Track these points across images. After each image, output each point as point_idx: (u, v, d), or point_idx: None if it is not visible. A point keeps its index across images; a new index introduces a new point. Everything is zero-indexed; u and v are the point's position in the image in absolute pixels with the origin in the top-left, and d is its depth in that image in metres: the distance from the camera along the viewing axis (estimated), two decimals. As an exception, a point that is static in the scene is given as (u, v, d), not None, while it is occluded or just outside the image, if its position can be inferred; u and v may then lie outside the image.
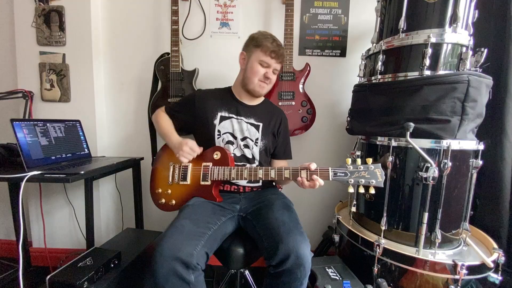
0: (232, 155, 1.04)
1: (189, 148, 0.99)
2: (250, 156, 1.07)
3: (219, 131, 1.06)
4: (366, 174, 0.81)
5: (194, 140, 1.03)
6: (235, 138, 1.06)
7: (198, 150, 1.01)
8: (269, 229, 0.86)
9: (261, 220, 0.92)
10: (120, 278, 0.97)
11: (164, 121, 1.13)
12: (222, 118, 1.07)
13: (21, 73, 1.46)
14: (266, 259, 0.83)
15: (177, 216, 0.92)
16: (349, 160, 0.85)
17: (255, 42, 1.02)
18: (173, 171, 1.05)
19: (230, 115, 1.08)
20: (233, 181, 1.05)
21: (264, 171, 0.93)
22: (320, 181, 0.85)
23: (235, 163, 1.04)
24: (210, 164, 1.00)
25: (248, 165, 1.05)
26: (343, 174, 0.83)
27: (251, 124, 1.08)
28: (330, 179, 0.85)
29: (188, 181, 1.02)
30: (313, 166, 0.87)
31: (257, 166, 1.07)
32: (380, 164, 0.82)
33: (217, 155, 1.01)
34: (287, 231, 0.82)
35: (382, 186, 0.82)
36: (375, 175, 0.81)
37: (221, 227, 0.93)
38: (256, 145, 1.08)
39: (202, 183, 0.99)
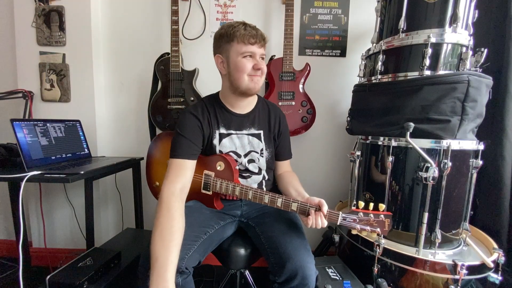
0: (238, 167, 0.97)
1: None
2: (256, 170, 1.00)
3: (220, 151, 0.96)
4: (374, 223, 0.78)
5: None
6: (239, 156, 0.97)
7: None
8: (275, 243, 0.84)
9: (265, 231, 0.90)
10: (120, 278, 0.97)
11: (166, 233, 0.72)
12: (222, 136, 0.96)
13: (21, 73, 1.46)
14: (272, 274, 0.83)
15: None
16: (361, 204, 0.80)
17: (226, 38, 0.87)
18: None
19: (229, 131, 0.96)
20: None
21: (270, 197, 0.86)
22: (324, 224, 0.79)
23: (241, 175, 0.99)
24: (213, 174, 0.94)
25: (254, 185, 0.98)
26: (351, 221, 0.79)
27: (252, 135, 0.99)
28: (338, 223, 0.80)
29: None
30: (325, 208, 0.79)
31: (263, 179, 1.02)
32: (391, 215, 0.78)
33: (220, 166, 0.94)
34: (294, 249, 0.80)
35: (386, 235, 0.80)
36: (383, 224, 0.77)
37: (218, 231, 0.91)
38: (262, 156, 1.00)
39: (203, 191, 0.96)
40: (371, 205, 0.81)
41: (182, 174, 0.85)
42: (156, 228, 0.73)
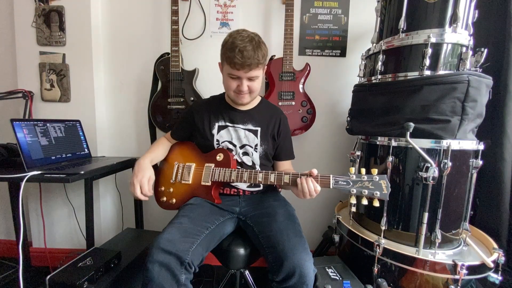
0: (235, 158, 1.03)
1: (145, 184, 0.93)
2: (250, 164, 1.04)
3: (217, 140, 1.05)
4: (370, 185, 0.75)
5: (153, 180, 0.98)
6: (234, 146, 1.04)
7: (148, 193, 0.94)
8: (273, 242, 0.84)
9: (263, 230, 0.90)
10: (120, 278, 0.97)
11: (157, 146, 1.12)
12: (220, 128, 1.05)
13: (21, 73, 1.46)
14: (270, 272, 0.84)
15: (176, 214, 0.94)
16: (352, 169, 0.80)
17: (222, 52, 0.92)
18: (177, 170, 1.07)
19: (226, 123, 1.05)
20: (233, 184, 1.04)
21: (264, 174, 0.91)
22: (317, 187, 0.81)
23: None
24: (213, 165, 1.00)
25: (252, 191, 1.05)
26: (344, 183, 0.78)
27: (249, 130, 1.04)
28: (331, 187, 0.80)
29: (190, 181, 1.03)
30: (315, 171, 0.83)
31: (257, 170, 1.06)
32: (385, 176, 0.76)
33: (219, 157, 1.01)
34: (291, 247, 0.81)
35: (387, 199, 0.76)
36: (380, 186, 0.75)
37: (218, 227, 0.93)
38: (256, 151, 1.04)
39: (202, 183, 1.00)
40: (363, 170, 0.79)
41: (170, 140, 1.17)
42: (152, 146, 1.13)
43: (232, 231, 1.01)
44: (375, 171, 0.78)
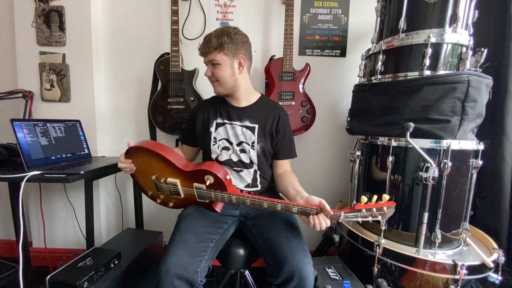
0: (229, 177, 0.90)
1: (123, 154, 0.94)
2: (248, 161, 1.02)
3: (215, 138, 1.03)
4: (377, 213, 0.79)
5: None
6: (231, 143, 1.02)
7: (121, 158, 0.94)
8: (272, 245, 0.84)
9: (262, 232, 0.90)
10: (120, 278, 0.97)
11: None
12: (218, 125, 1.04)
13: (21, 73, 1.46)
14: (269, 275, 0.84)
15: (178, 227, 0.90)
16: (364, 198, 0.79)
17: None
18: (159, 187, 0.96)
19: (224, 120, 1.04)
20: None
21: (270, 202, 0.83)
22: (328, 223, 0.80)
23: (233, 168, 1.02)
24: (204, 186, 0.89)
25: (248, 180, 1.03)
26: (353, 217, 0.80)
27: (246, 127, 1.02)
28: (340, 220, 0.81)
29: (182, 196, 0.95)
30: (328, 208, 0.79)
31: (255, 173, 1.04)
32: (395, 205, 0.80)
33: (209, 180, 0.87)
34: (290, 250, 0.80)
35: (387, 218, 0.82)
36: (385, 215, 0.80)
37: (222, 235, 0.93)
38: (253, 149, 1.02)
39: (199, 200, 0.94)
40: (374, 197, 0.79)
41: (183, 149, 1.19)
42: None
43: (233, 233, 1.01)
44: (386, 197, 0.78)
